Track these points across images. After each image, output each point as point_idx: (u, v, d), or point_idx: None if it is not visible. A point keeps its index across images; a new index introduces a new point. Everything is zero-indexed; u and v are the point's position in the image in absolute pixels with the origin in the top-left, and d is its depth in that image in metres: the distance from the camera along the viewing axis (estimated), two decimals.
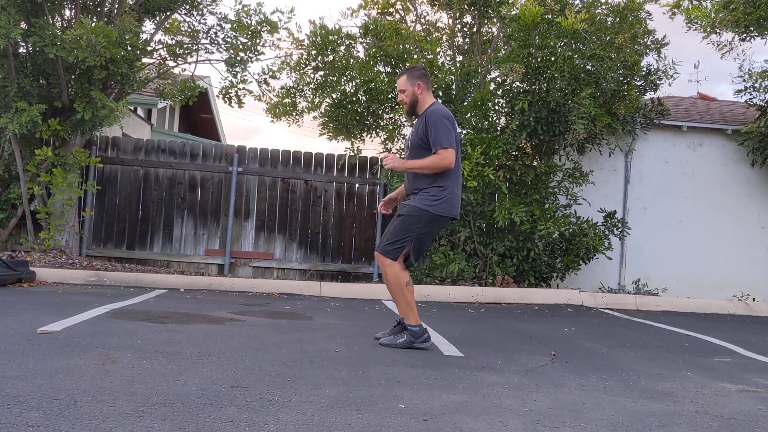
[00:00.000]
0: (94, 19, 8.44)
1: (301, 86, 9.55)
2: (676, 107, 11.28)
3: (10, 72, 7.94)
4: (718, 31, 9.66)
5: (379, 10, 9.74)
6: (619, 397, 3.21)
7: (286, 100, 9.59)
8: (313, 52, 9.22)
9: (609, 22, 8.70)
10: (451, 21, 9.33)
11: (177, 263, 9.32)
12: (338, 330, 4.80)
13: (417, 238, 4.15)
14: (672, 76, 9.11)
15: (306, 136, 54.96)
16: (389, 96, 9.02)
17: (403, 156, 4.96)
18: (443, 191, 4.15)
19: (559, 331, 5.48)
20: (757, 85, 9.71)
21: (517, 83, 8.38)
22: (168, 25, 9.47)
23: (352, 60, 9.17)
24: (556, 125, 8.12)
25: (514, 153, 8.42)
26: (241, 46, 9.20)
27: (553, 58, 7.95)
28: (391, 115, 9.37)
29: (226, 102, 9.69)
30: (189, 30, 9.50)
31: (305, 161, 9.67)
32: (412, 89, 4.28)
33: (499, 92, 8.52)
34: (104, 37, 7.26)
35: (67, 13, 8.72)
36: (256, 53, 9.27)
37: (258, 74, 9.62)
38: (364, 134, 9.67)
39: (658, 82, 9.13)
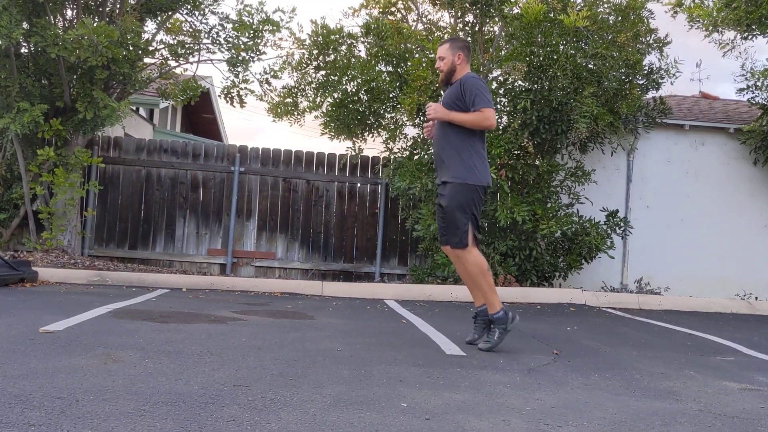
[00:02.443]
0: (96, 19, 8.44)
1: (302, 86, 9.55)
2: (678, 106, 11.25)
3: (12, 72, 7.95)
4: (720, 29, 9.64)
5: (381, 10, 9.73)
6: (622, 395, 3.20)
7: (288, 100, 9.59)
8: (315, 52, 9.21)
9: (611, 21, 8.68)
10: (452, 20, 9.32)
11: (179, 263, 9.33)
12: (340, 329, 4.79)
13: (473, 215, 4.18)
14: (674, 74, 9.09)
15: (308, 136, 55.00)
16: (391, 95, 9.01)
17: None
18: (473, 161, 4.18)
19: (562, 330, 5.47)
20: (759, 84, 9.68)
21: (519, 82, 8.36)
22: (170, 25, 9.47)
23: (353, 59, 9.17)
24: (559, 124, 8.11)
25: (516, 152, 8.41)
26: (242, 46, 9.19)
27: (555, 57, 7.94)
28: (393, 115, 9.37)
29: (227, 102, 9.70)
30: (191, 30, 9.49)
31: (307, 161, 9.67)
32: (452, 58, 4.31)
33: (501, 91, 8.51)
34: (106, 36, 7.26)
35: (69, 13, 8.73)
36: (258, 53, 9.27)
37: (260, 74, 9.63)
38: (366, 134, 9.67)
39: (660, 80, 9.10)
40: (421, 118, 8.89)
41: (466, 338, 4.48)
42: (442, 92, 7.97)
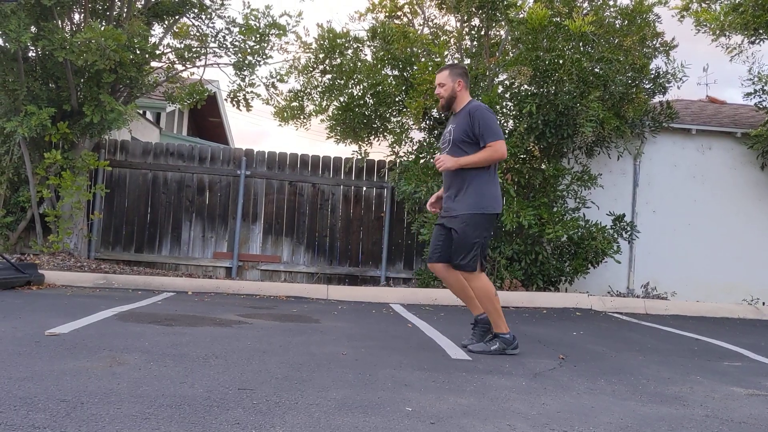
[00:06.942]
0: (103, 23, 8.48)
1: (308, 89, 9.56)
2: (685, 110, 11.21)
3: (19, 76, 7.99)
4: (726, 33, 9.61)
5: (387, 14, 9.75)
6: (628, 400, 3.19)
7: (294, 104, 9.61)
8: (321, 56, 9.23)
9: (617, 25, 8.66)
10: (458, 24, 9.32)
11: (185, 266, 9.35)
12: (345, 333, 4.79)
13: (483, 243, 4.23)
14: (681, 79, 9.04)
15: (314, 140, 55.12)
16: (397, 99, 9.01)
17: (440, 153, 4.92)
18: (485, 190, 4.21)
19: (568, 335, 5.45)
20: (766, 89, 9.63)
21: (525, 86, 8.35)
22: (177, 29, 9.51)
23: (359, 63, 9.17)
24: (565, 128, 8.09)
25: (522, 156, 8.39)
26: (249, 50, 9.21)
27: (561, 61, 7.92)
28: (399, 119, 9.37)
29: (234, 105, 9.71)
30: (197, 34, 9.53)
31: (312, 164, 9.68)
32: (452, 85, 4.34)
33: (507, 95, 8.50)
34: (113, 40, 7.30)
35: (77, 16, 8.77)
36: (264, 57, 9.28)
37: (266, 78, 9.65)
38: (372, 137, 9.67)
39: (666, 84, 9.07)
40: (427, 122, 8.88)
41: (462, 341, 4.50)
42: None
